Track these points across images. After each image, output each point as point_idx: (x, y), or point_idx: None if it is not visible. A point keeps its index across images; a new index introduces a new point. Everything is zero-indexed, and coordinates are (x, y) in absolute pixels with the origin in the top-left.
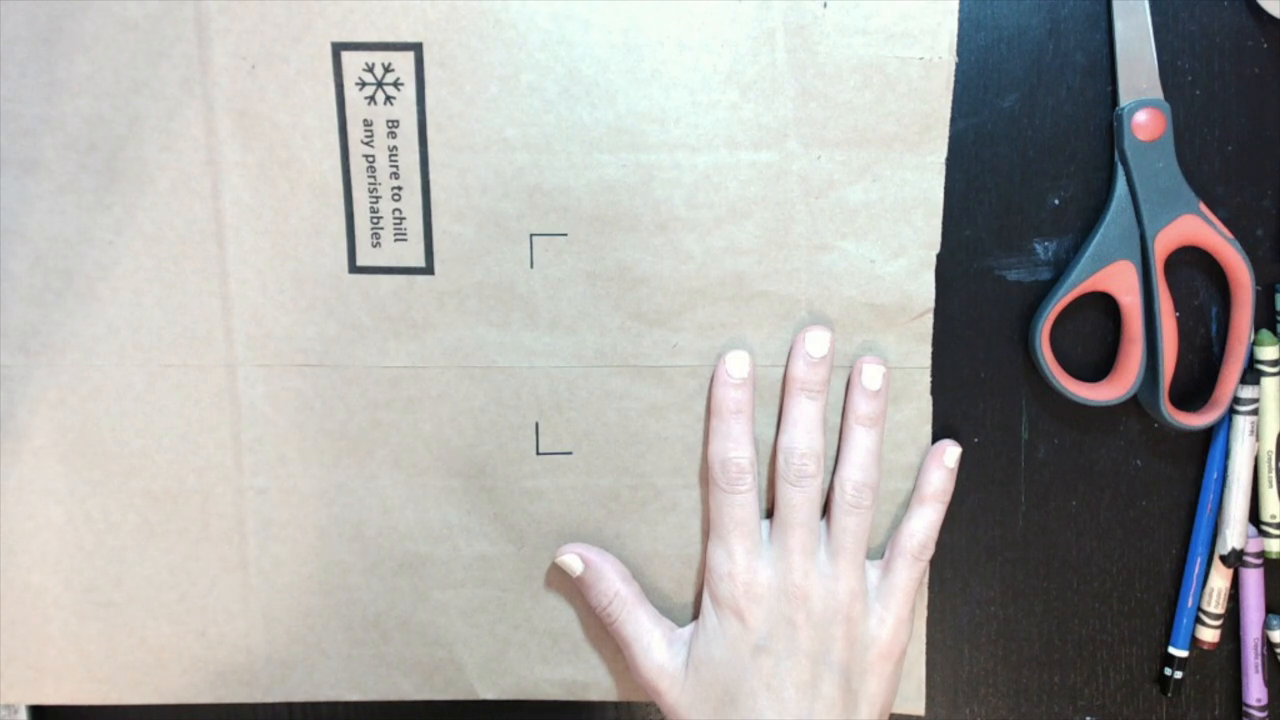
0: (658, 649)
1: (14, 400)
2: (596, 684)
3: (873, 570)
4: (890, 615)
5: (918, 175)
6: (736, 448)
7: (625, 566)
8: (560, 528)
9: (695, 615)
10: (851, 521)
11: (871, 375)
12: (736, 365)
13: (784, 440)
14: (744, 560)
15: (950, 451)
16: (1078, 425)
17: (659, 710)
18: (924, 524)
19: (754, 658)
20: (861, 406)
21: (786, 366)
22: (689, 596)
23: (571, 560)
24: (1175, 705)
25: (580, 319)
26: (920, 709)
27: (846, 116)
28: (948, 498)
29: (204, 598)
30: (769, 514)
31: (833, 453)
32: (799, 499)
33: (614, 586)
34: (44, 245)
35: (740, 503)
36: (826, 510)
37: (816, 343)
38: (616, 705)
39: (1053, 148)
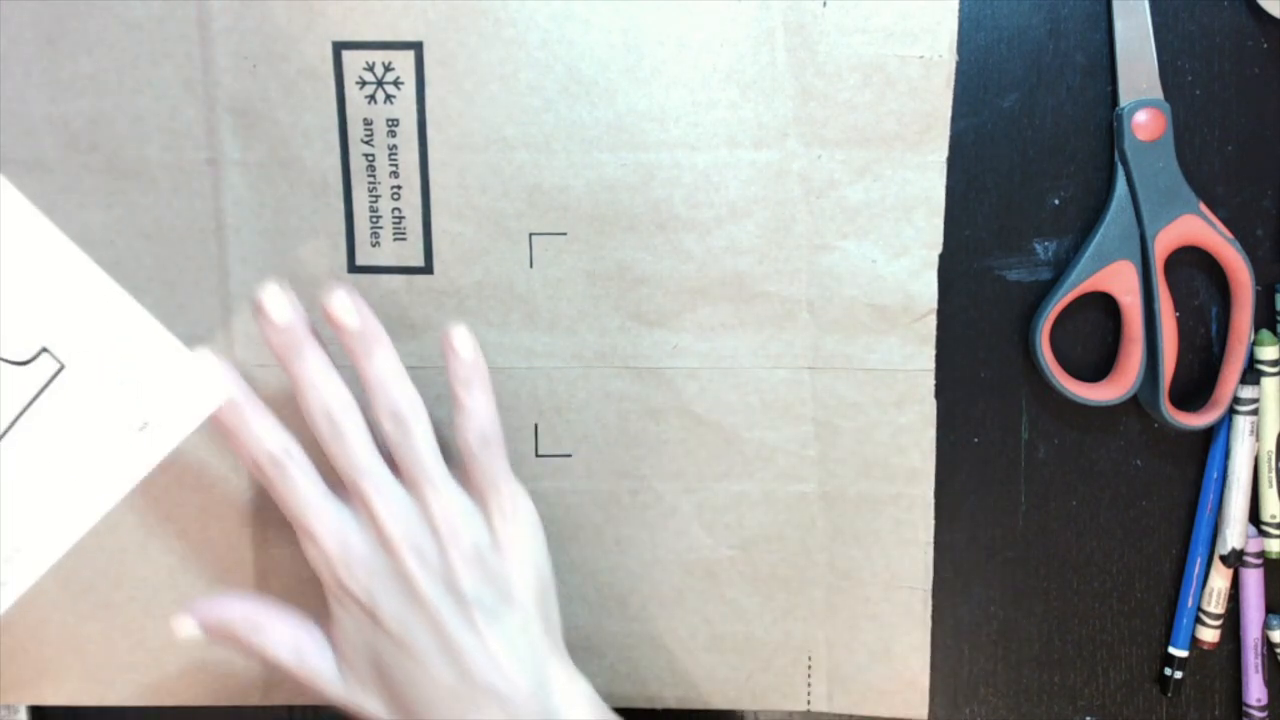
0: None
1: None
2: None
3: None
4: (497, 503)
5: (919, 174)
6: (274, 436)
7: (243, 596)
8: (559, 531)
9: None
10: (404, 449)
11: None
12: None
13: (308, 405)
14: (328, 540)
15: (459, 337)
16: (1078, 425)
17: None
18: (468, 415)
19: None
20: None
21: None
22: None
23: (186, 631)
24: (1175, 705)
25: (580, 319)
26: (923, 713)
27: (847, 115)
28: (480, 385)
29: None
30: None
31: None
32: (341, 451)
33: (248, 626)
34: None
35: (298, 486)
36: None
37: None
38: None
39: (1053, 148)
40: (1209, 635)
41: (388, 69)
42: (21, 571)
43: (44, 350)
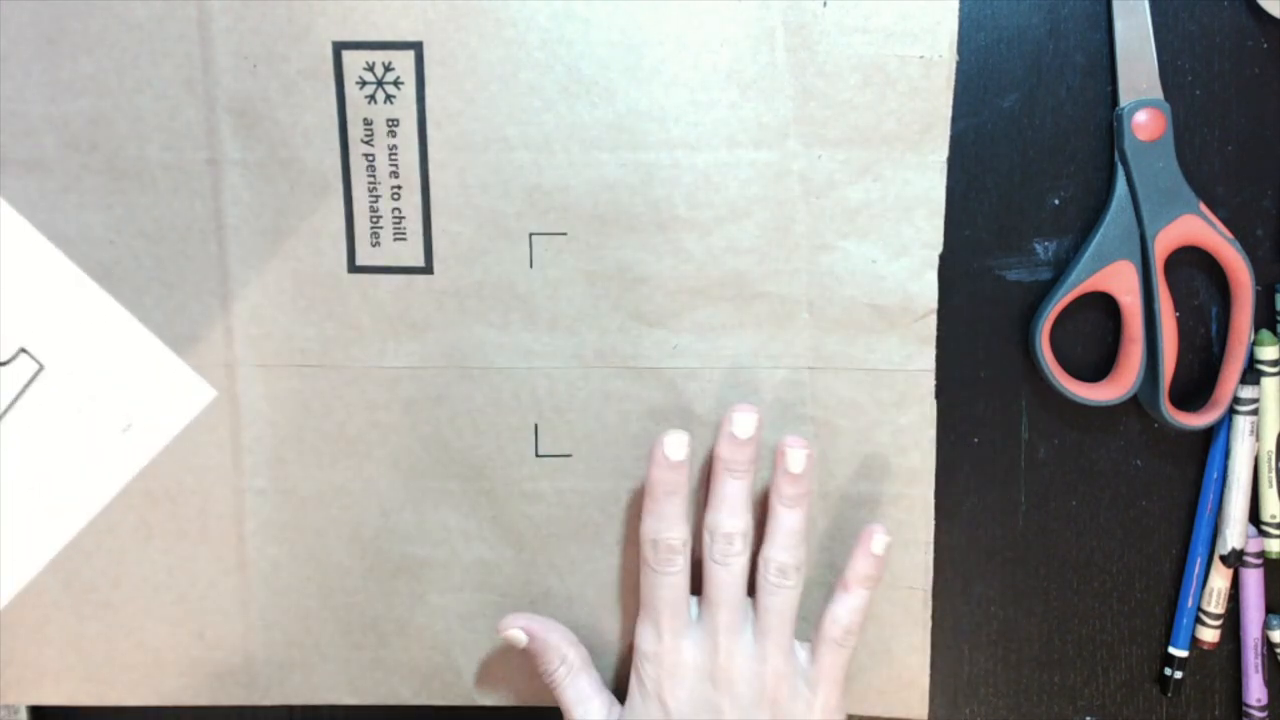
0: (595, 717)
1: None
2: None
3: (802, 651)
4: (818, 700)
5: (919, 174)
6: (668, 528)
7: (570, 631)
8: (559, 531)
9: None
10: (776, 601)
11: (795, 459)
12: (674, 447)
13: (709, 518)
14: (670, 640)
15: (878, 539)
16: (1078, 425)
17: None
18: (847, 609)
19: None
20: (785, 489)
21: (714, 445)
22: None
23: (516, 635)
24: (1175, 705)
25: (580, 319)
26: (923, 713)
27: (847, 115)
28: (875, 584)
29: (202, 599)
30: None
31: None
32: (724, 578)
33: (561, 653)
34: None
35: (669, 584)
36: (753, 589)
37: (742, 424)
38: None
39: (1053, 148)
40: (1209, 635)
41: (388, 69)
42: (13, 571)
43: (22, 351)
